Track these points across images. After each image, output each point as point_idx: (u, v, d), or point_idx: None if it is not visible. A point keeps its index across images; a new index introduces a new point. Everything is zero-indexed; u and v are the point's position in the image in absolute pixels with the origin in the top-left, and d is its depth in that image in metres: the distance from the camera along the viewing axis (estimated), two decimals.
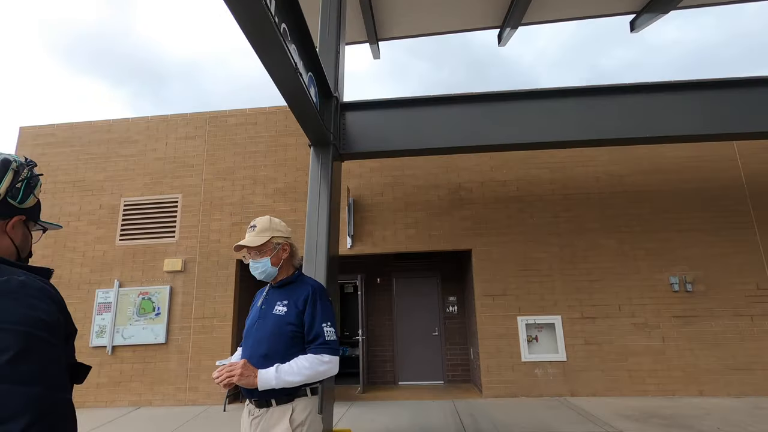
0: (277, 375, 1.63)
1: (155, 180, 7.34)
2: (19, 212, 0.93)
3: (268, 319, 1.79)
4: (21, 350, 0.71)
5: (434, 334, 7.81)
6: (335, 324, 1.82)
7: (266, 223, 1.91)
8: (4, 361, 0.69)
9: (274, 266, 1.88)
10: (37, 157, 7.60)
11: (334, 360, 1.74)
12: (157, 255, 6.99)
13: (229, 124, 7.55)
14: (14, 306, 0.75)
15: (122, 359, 6.60)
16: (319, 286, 1.88)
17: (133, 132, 7.63)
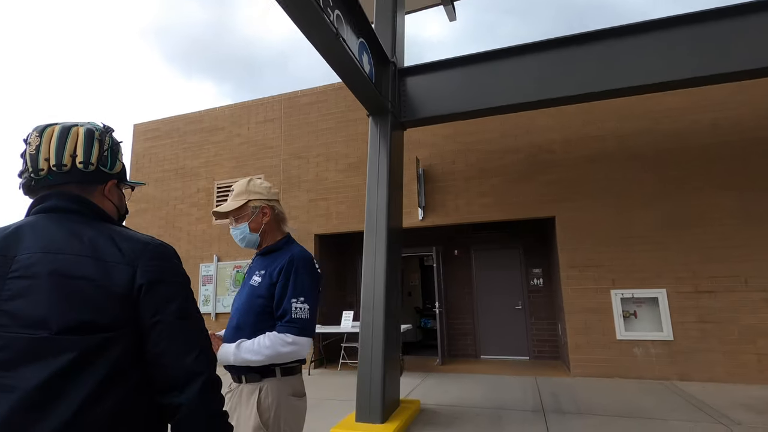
0: (236, 351, 1.50)
1: (240, 163, 7.92)
2: (111, 177, 1.03)
3: (245, 290, 1.68)
4: (185, 298, 0.94)
5: (518, 307, 7.37)
6: (311, 300, 1.57)
7: (243, 186, 1.73)
8: (177, 305, 0.92)
9: (254, 232, 1.71)
10: (147, 149, 8.70)
11: (301, 342, 1.51)
12: None
13: (302, 103, 7.77)
14: (174, 266, 0.96)
15: (224, 324, 7.41)
16: (301, 256, 1.63)
17: (220, 120, 8.28)
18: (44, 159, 0.95)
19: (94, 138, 1.01)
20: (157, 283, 0.92)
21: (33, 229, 0.91)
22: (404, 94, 5.11)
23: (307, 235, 7.24)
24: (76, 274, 0.85)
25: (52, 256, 0.87)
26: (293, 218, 7.37)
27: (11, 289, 0.83)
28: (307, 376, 6.31)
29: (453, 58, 5.03)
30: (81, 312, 0.83)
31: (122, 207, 1.12)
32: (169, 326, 0.91)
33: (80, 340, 0.82)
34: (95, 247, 0.90)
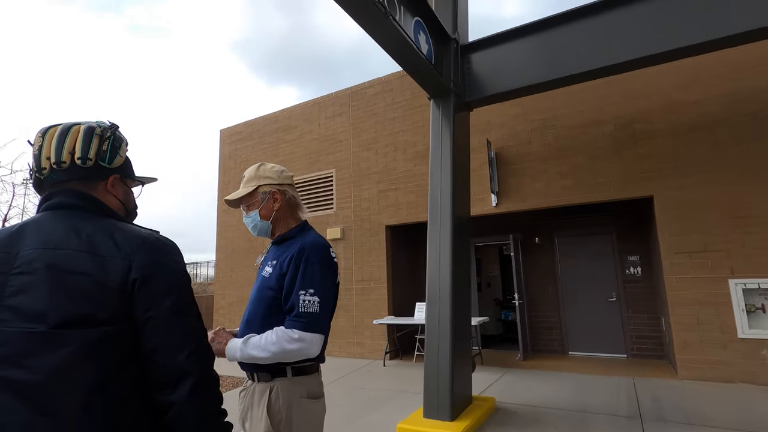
0: (242, 347, 1.41)
1: (313, 159, 8.16)
2: (112, 172, 1.04)
3: (257, 281, 1.59)
4: (181, 294, 0.94)
5: (611, 300, 6.61)
6: (323, 292, 1.42)
7: (253, 172, 1.64)
8: (172, 300, 0.91)
9: (265, 219, 1.61)
10: (232, 151, 9.38)
11: (308, 338, 1.37)
12: (322, 225, 7.83)
13: (369, 95, 7.74)
14: (170, 261, 0.95)
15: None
16: (313, 243, 1.49)
17: (293, 118, 8.61)
18: (46, 158, 0.98)
19: (93, 134, 1.01)
20: (151, 278, 0.91)
21: (36, 226, 0.94)
22: (469, 72, 4.78)
23: (378, 226, 7.23)
24: (74, 269, 0.86)
25: (50, 252, 0.88)
26: (364, 210, 7.42)
27: (14, 285, 0.86)
28: (382, 367, 6.34)
29: (524, 26, 4.56)
30: (78, 306, 0.84)
31: (129, 203, 1.12)
32: (162, 322, 0.90)
33: (78, 334, 0.82)
34: (93, 243, 0.90)
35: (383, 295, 7.04)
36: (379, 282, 7.11)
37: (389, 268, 7.14)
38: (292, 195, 1.64)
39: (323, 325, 1.44)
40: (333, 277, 1.50)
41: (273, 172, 1.63)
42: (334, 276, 1.52)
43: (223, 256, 9.08)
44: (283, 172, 1.66)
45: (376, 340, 6.98)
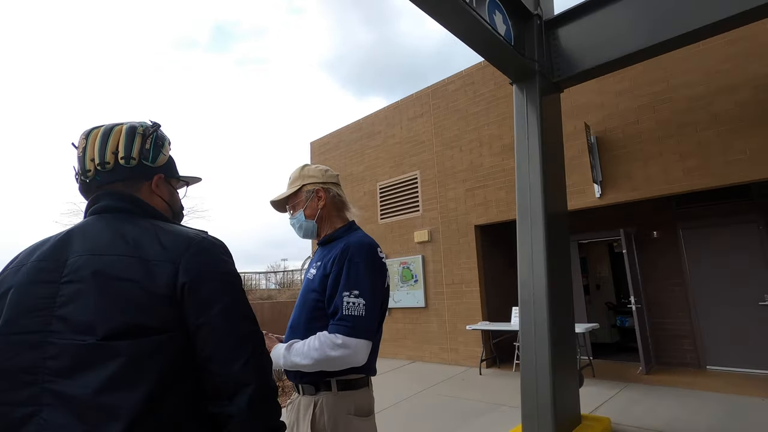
0: (285, 353, 1.32)
1: (397, 162, 8.12)
2: (156, 171, 1.01)
3: (303, 285, 1.51)
4: (232, 298, 0.87)
5: (762, 303, 5.39)
6: (369, 294, 1.30)
7: (297, 172, 1.59)
8: (223, 305, 0.84)
9: (309, 219, 1.54)
10: (322, 161, 9.79)
11: (352, 344, 1.25)
12: (409, 228, 7.73)
13: (449, 91, 7.47)
14: (219, 262, 0.89)
15: (397, 319, 7.70)
16: (359, 242, 1.40)
17: (376, 124, 8.69)
18: (90, 159, 0.96)
19: (135, 133, 0.99)
20: (200, 282, 0.85)
21: (83, 231, 0.91)
22: (556, 48, 4.28)
23: (467, 226, 6.90)
24: (121, 276, 0.82)
25: (96, 258, 0.85)
26: (451, 210, 7.14)
27: (64, 294, 0.82)
28: (478, 376, 5.97)
29: None
30: (127, 315, 0.79)
31: (175, 203, 1.09)
32: (215, 329, 0.83)
33: (129, 345, 0.77)
34: (139, 247, 0.86)
35: (476, 298, 6.66)
36: (471, 285, 6.75)
37: (481, 270, 6.74)
38: (336, 193, 1.58)
39: (369, 331, 1.30)
40: (381, 279, 1.38)
41: (317, 171, 1.58)
42: (382, 278, 1.39)
43: None
44: (327, 171, 1.60)
45: (471, 347, 6.63)
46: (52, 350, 0.78)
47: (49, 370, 0.77)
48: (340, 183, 1.64)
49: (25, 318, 0.81)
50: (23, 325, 0.81)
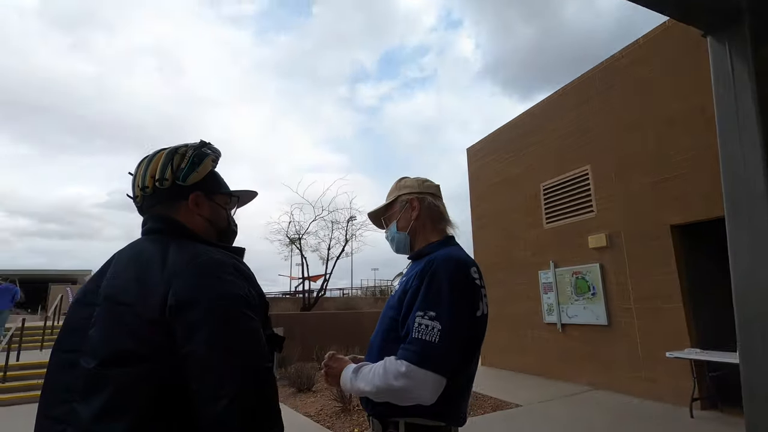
0: (352, 378, 1.14)
1: (562, 158, 7.18)
2: (191, 189, 0.98)
3: (387, 302, 1.32)
4: (222, 325, 0.76)
5: None
6: (448, 318, 1.05)
7: (394, 185, 1.46)
8: (208, 332, 0.75)
9: (402, 231, 1.38)
10: (479, 167, 9.43)
11: (418, 376, 1.01)
12: (581, 232, 6.70)
13: (621, 67, 6.25)
14: (215, 283, 0.79)
15: (572, 337, 6.72)
16: (446, 257, 1.17)
17: (535, 118, 7.90)
18: (137, 185, 0.98)
19: (174, 154, 0.98)
20: (188, 305, 0.76)
21: (120, 254, 0.94)
22: None
23: (660, 227, 5.56)
24: (121, 300, 0.81)
25: (111, 282, 0.86)
26: (635, 208, 5.89)
27: (93, 317, 0.83)
28: (688, 419, 4.65)
29: None
30: (119, 341, 0.77)
31: (218, 221, 1.04)
32: (198, 361, 0.74)
33: (118, 374, 0.75)
34: (145, 269, 0.84)
35: (679, 318, 5.27)
36: (671, 300, 5.38)
37: (684, 282, 5.31)
38: (432, 203, 1.39)
39: (442, 363, 1.04)
40: (468, 303, 1.13)
41: (413, 182, 1.45)
42: (471, 301, 1.14)
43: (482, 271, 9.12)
44: (425, 182, 1.46)
45: (676, 379, 5.25)
46: (79, 371, 0.79)
47: (76, 391, 0.78)
48: (440, 194, 1.47)
49: (69, 336, 0.85)
50: (67, 343, 0.85)
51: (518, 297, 7.86)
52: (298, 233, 13.80)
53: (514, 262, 8.05)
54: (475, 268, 1.19)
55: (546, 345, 7.12)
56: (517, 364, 7.68)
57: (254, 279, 0.91)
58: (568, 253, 6.91)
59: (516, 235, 8.11)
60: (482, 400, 5.65)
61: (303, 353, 8.78)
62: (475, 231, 9.38)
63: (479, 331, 1.17)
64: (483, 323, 1.18)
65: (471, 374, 1.20)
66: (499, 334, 8.19)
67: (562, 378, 6.74)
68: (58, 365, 0.83)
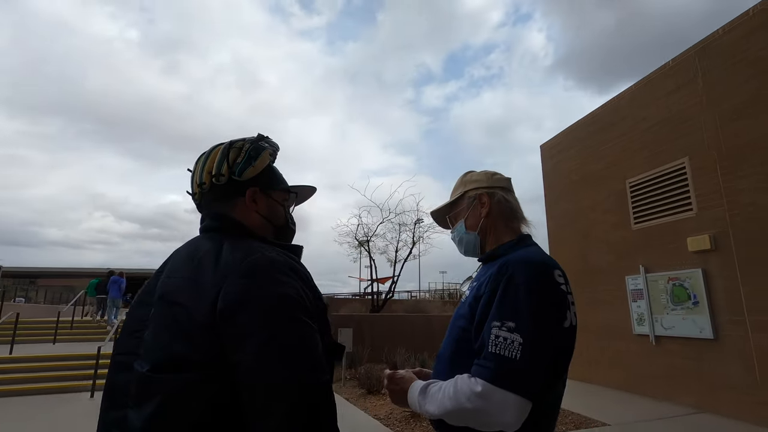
0: (420, 398, 1.00)
1: (653, 151, 6.45)
2: (247, 185, 0.94)
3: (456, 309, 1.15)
4: (273, 332, 0.69)
5: None
6: (531, 330, 0.89)
7: (459, 180, 1.30)
8: (257, 340, 0.69)
9: (470, 230, 1.21)
10: (554, 164, 8.84)
11: (496, 397, 0.86)
12: (678, 233, 5.96)
13: (728, 43, 5.46)
14: (266, 284, 0.73)
15: (669, 351, 5.97)
16: (523, 260, 1.00)
17: (619, 109, 7.21)
18: (195, 182, 0.95)
19: (230, 148, 0.94)
20: (236, 309, 0.70)
21: (177, 252, 0.91)
22: None
23: None
24: (176, 300, 0.76)
25: (166, 281, 0.82)
26: (747, 205, 5.10)
27: (149, 318, 0.80)
28: None
29: None
30: (173, 345, 0.72)
31: (276, 217, 0.98)
32: (248, 371, 0.68)
33: (168, 380, 0.70)
34: (199, 267, 0.78)
35: None
36: None
37: None
38: (503, 198, 1.21)
39: (525, 382, 0.88)
40: (554, 312, 0.95)
41: (481, 175, 1.28)
42: (557, 310, 0.96)
43: None
44: (494, 175, 1.27)
45: None
46: (133, 375, 0.75)
47: (131, 395, 0.74)
48: (512, 188, 1.28)
49: (127, 338, 0.81)
50: (125, 346, 0.81)
51: (602, 305, 7.20)
52: (366, 236, 14.00)
53: (597, 267, 7.39)
54: (560, 272, 1.00)
55: (636, 358, 6.42)
56: (602, 377, 7.02)
57: (311, 280, 0.83)
58: (662, 257, 6.18)
59: (598, 237, 7.44)
60: (562, 415, 5.22)
61: (372, 354, 8.83)
62: (552, 233, 8.78)
63: (568, 344, 0.99)
64: (572, 335, 1.00)
65: (559, 395, 1.03)
66: (581, 345, 7.55)
67: (656, 396, 6.02)
68: (115, 368, 0.80)
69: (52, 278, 35.07)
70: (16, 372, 7.44)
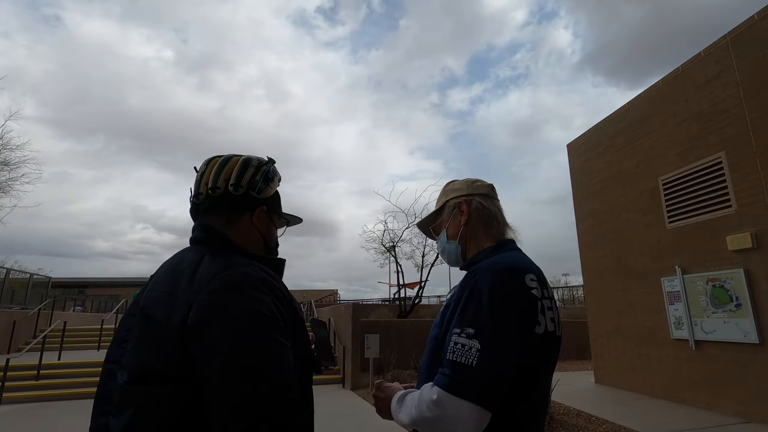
0: (396, 408, 0.99)
1: (686, 147, 6.17)
2: (260, 203, 0.99)
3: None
4: (239, 349, 0.70)
5: None
6: (491, 337, 0.85)
7: (442, 191, 1.29)
8: (224, 358, 0.69)
9: (452, 240, 1.19)
10: (582, 164, 8.58)
11: (450, 405, 0.83)
12: (716, 232, 5.66)
13: (761, 29, 5.17)
14: (235, 300, 0.74)
15: (711, 357, 5.65)
16: (491, 264, 0.97)
17: (648, 104, 6.93)
18: (204, 183, 0.97)
19: (249, 164, 0.99)
20: (205, 325, 0.71)
21: (164, 264, 0.93)
22: None
23: None
24: (152, 314, 0.78)
25: (148, 293, 0.85)
26: None
27: (132, 329, 0.82)
28: None
29: None
30: (147, 358, 0.75)
31: (271, 239, 1.04)
32: (215, 387, 0.69)
33: (141, 393, 0.73)
34: (177, 281, 0.81)
35: None
36: None
37: None
38: (481, 204, 1.18)
39: (481, 390, 0.83)
40: (518, 316, 0.90)
41: (462, 184, 1.26)
42: (523, 315, 0.90)
43: (590, 278, 8.23)
44: (475, 182, 1.25)
45: None
46: (116, 384, 0.77)
47: (113, 403, 0.76)
48: (494, 195, 1.24)
49: (116, 348, 0.84)
50: (112, 354, 0.84)
51: (636, 308, 6.90)
52: (393, 241, 14.01)
53: (630, 268, 7.11)
54: (533, 276, 0.96)
55: (675, 364, 6.11)
56: (637, 384, 6.72)
57: (285, 293, 0.84)
58: (700, 257, 5.87)
59: (630, 237, 7.16)
60: (596, 423, 5.03)
61: (400, 360, 8.81)
62: (581, 234, 8.52)
63: (541, 351, 0.93)
64: (547, 342, 0.94)
65: (537, 407, 0.96)
66: (614, 350, 7.28)
67: (697, 404, 5.71)
68: (104, 375, 0.83)
69: (99, 288, 37.01)
70: (64, 377, 7.89)
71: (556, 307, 1.01)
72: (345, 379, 8.24)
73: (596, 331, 7.91)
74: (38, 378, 7.70)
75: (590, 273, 8.20)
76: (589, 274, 8.20)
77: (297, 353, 0.79)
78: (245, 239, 0.96)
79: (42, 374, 7.78)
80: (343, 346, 8.56)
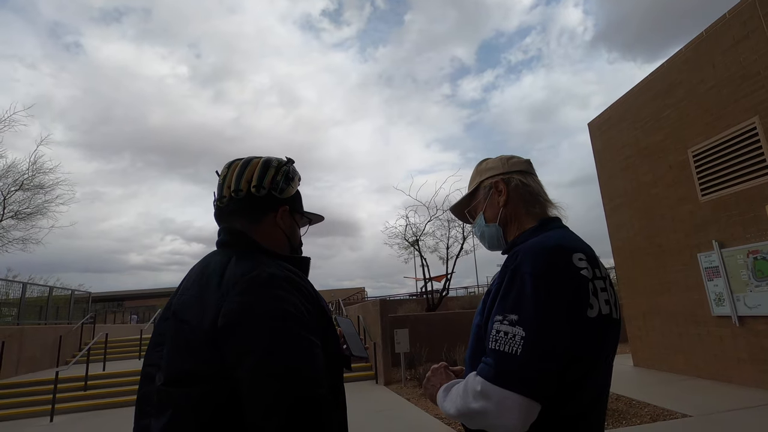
0: (441, 398, 0.96)
1: (716, 114, 5.88)
2: (282, 202, 1.00)
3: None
4: (268, 348, 0.71)
5: None
6: (535, 323, 0.78)
7: (474, 171, 1.18)
8: (255, 358, 0.71)
9: (490, 222, 1.10)
10: (605, 142, 8.31)
11: (495, 396, 0.77)
12: (754, 201, 5.38)
13: None
14: (262, 300, 0.75)
15: (756, 332, 5.40)
16: (532, 247, 0.88)
17: (674, 72, 6.64)
18: (227, 186, 0.98)
19: (270, 165, 1.00)
20: (236, 326, 0.73)
21: (193, 269, 0.94)
22: None
23: None
24: (184, 317, 0.81)
25: (179, 297, 0.87)
26: None
27: (166, 333, 0.85)
28: None
29: None
30: (182, 360, 0.77)
31: (295, 238, 1.05)
32: (247, 388, 0.70)
33: (180, 394, 0.75)
34: (206, 284, 0.82)
35: None
36: None
37: None
38: (521, 181, 1.09)
39: (528, 380, 0.77)
40: (566, 300, 0.82)
41: (497, 162, 1.15)
42: (571, 298, 0.83)
43: (621, 260, 7.98)
44: (510, 159, 1.15)
45: None
46: (155, 386, 0.80)
47: (153, 405, 0.78)
48: (532, 171, 1.15)
49: (152, 351, 0.87)
50: (150, 358, 0.87)
51: (673, 287, 6.65)
52: (415, 235, 13.96)
53: (663, 246, 6.85)
54: (581, 255, 0.87)
55: (718, 342, 5.86)
56: (678, 365, 6.48)
57: (311, 292, 0.85)
58: (738, 229, 5.60)
59: (662, 214, 6.89)
60: (637, 407, 4.88)
61: (431, 354, 8.78)
62: (609, 214, 8.27)
63: (595, 336, 0.85)
64: (602, 325, 0.85)
65: (593, 397, 0.88)
66: (652, 331, 7.05)
67: (746, 383, 5.46)
68: (143, 378, 0.86)
69: (136, 299, 38.50)
70: (109, 387, 8.24)
71: (612, 287, 0.91)
72: (377, 375, 8.29)
73: (631, 313, 7.67)
74: (86, 389, 8.06)
75: (621, 254, 7.95)
76: (620, 255, 7.96)
77: (327, 350, 0.80)
78: (270, 240, 0.97)
79: (89, 384, 8.15)
80: (374, 342, 8.61)
